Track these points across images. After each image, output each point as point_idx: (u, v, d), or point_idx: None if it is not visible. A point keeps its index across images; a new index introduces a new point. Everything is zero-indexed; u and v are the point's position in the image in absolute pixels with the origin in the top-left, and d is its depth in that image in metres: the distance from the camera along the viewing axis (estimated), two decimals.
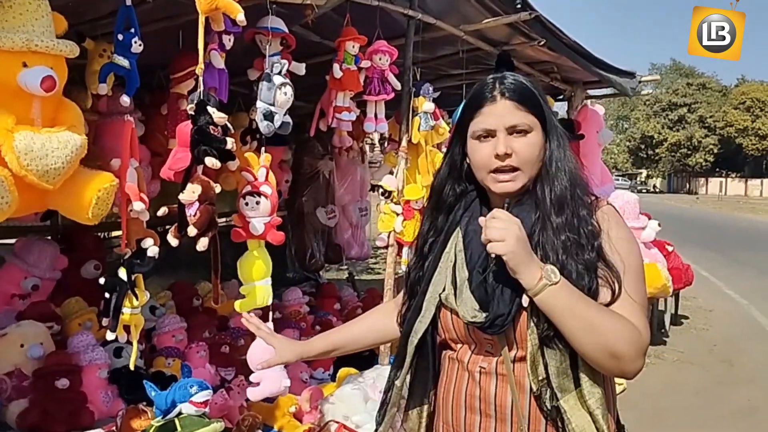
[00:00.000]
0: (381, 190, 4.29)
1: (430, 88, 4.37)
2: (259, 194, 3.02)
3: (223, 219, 5.80)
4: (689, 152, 56.66)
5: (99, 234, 6.45)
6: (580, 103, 7.00)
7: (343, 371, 4.28)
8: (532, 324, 1.43)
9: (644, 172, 65.29)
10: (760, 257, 13.14)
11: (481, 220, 1.45)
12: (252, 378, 3.27)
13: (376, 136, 4.72)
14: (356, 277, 8.30)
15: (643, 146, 60.53)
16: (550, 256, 1.43)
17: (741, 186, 56.38)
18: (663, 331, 6.99)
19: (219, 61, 3.16)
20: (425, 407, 1.62)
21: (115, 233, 7.51)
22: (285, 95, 3.10)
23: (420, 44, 4.61)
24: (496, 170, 1.49)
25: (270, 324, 3.24)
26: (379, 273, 11.00)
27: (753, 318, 7.87)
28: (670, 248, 7.05)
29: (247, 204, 3.00)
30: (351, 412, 3.63)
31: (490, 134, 1.50)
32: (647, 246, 6.66)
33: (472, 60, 5.72)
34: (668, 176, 64.56)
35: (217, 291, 3.19)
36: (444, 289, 1.55)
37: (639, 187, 57.44)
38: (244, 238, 3.14)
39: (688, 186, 60.13)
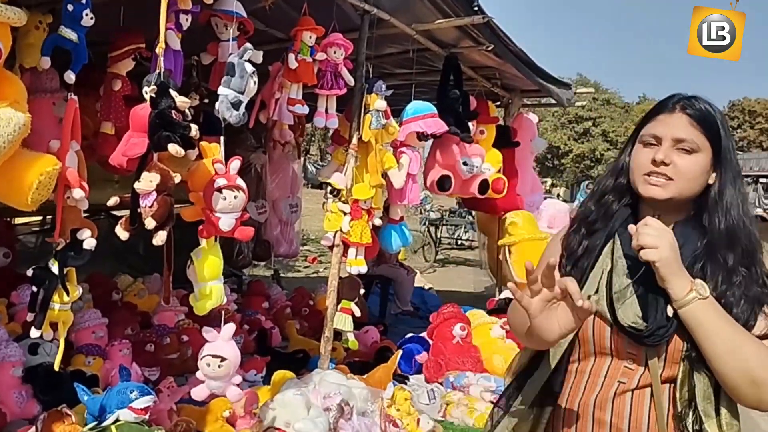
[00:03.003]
0: (329, 188, 4.13)
1: (383, 86, 4.26)
2: (237, 189, 2.80)
3: None
4: (592, 164, 58.89)
5: (8, 219, 5.97)
6: (516, 111, 7.07)
7: (278, 374, 4.08)
8: (685, 342, 1.44)
9: (549, 181, 67.52)
10: None
11: (631, 227, 1.46)
12: (198, 375, 3.03)
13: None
14: (284, 276, 8.09)
15: (549, 156, 62.53)
16: (711, 285, 1.43)
17: None
18: None
19: (175, 42, 2.93)
20: (543, 417, 1.61)
21: (21, 219, 6.99)
22: (255, 84, 2.91)
23: (371, 40, 4.50)
24: (649, 173, 1.51)
25: (231, 326, 3.05)
26: (299, 271, 10.80)
27: None
28: None
29: (224, 198, 2.76)
30: (293, 418, 3.45)
31: (656, 141, 1.53)
32: None
33: (419, 61, 5.65)
34: (571, 186, 67.07)
35: (168, 289, 2.94)
36: (596, 292, 1.54)
37: (545, 196, 59.31)
38: (213, 234, 2.91)
39: None
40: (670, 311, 1.43)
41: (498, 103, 7.03)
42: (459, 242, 14.87)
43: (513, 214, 6.59)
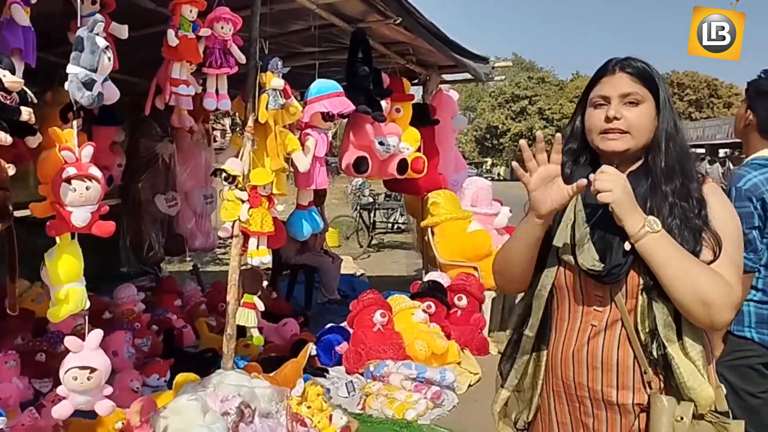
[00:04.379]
0: (224, 174, 3.84)
1: (279, 63, 3.97)
2: (90, 178, 2.47)
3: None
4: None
5: None
6: (435, 88, 6.89)
7: (180, 377, 3.80)
8: (641, 276, 1.60)
9: (489, 161, 68.19)
10: None
11: (591, 175, 1.60)
12: (59, 391, 2.70)
13: (227, 122, 4.27)
14: (202, 269, 7.73)
15: (488, 136, 63.15)
16: (660, 219, 1.58)
17: None
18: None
19: (23, 17, 2.57)
20: (542, 360, 1.77)
21: None
22: (109, 60, 2.59)
23: (268, 17, 4.21)
24: (606, 131, 1.67)
25: (98, 332, 2.73)
26: (227, 264, 10.43)
27: None
28: None
29: (74, 190, 2.44)
30: (187, 425, 3.19)
31: (605, 101, 1.68)
32: (500, 232, 6.67)
33: (326, 37, 5.38)
34: (511, 165, 67.93)
35: (13, 296, 2.61)
36: (562, 246, 1.71)
37: (485, 175, 59.73)
38: (65, 231, 2.58)
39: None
40: (627, 246, 1.58)
41: (415, 81, 6.81)
42: (396, 226, 14.69)
43: (434, 194, 6.42)
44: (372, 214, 13.45)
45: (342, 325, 5.32)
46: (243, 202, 3.84)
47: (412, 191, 6.72)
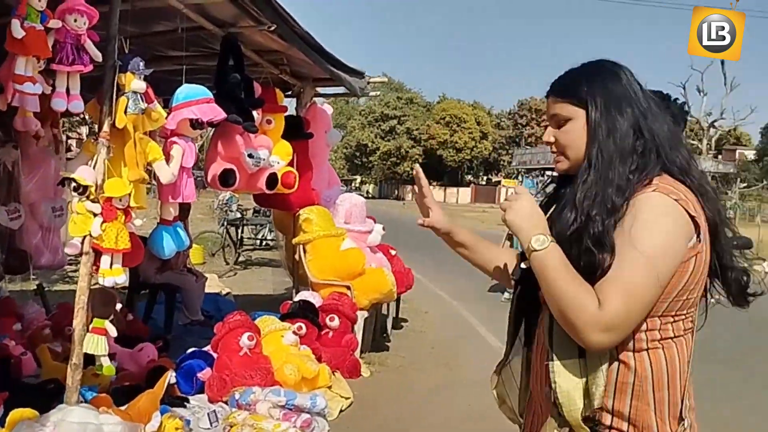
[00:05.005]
0: (73, 184, 3.42)
1: (141, 64, 3.63)
2: None
3: None
4: (398, 161, 60.93)
5: None
6: (309, 101, 6.70)
7: (14, 414, 3.32)
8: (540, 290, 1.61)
9: (358, 178, 68.80)
10: (462, 260, 14.19)
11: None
12: None
13: (84, 130, 3.84)
14: (49, 289, 7.04)
15: (358, 154, 63.77)
16: (577, 209, 1.57)
17: (441, 193, 62.00)
18: (385, 335, 6.95)
19: None
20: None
21: None
22: None
23: (130, 14, 3.86)
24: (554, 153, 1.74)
25: None
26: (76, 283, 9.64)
27: (463, 318, 8.26)
28: (393, 252, 7.05)
29: None
30: None
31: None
32: (373, 250, 6.55)
33: (194, 41, 5.08)
34: (380, 183, 68.81)
35: None
36: None
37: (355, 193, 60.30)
38: None
39: (396, 192, 64.59)
40: (524, 264, 1.64)
41: (289, 93, 6.59)
42: (264, 243, 14.26)
43: (307, 210, 6.21)
44: (240, 230, 12.98)
45: (205, 349, 4.96)
46: (95, 215, 3.44)
47: (283, 207, 6.47)
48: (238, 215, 13.90)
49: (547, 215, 1.69)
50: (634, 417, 1.52)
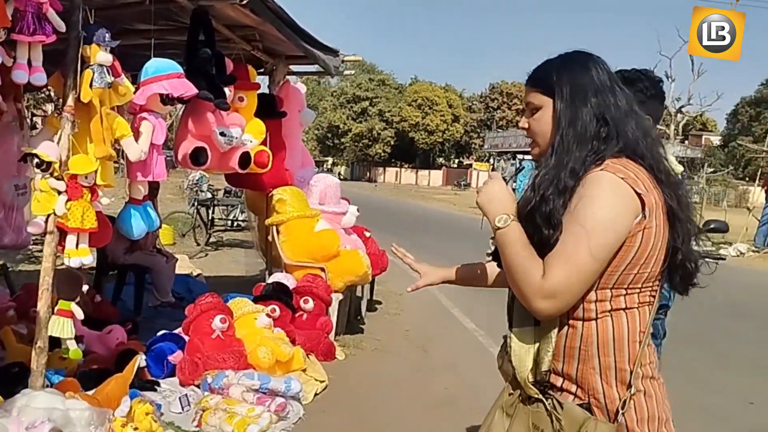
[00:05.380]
0: (36, 160, 3.27)
1: (107, 35, 3.47)
2: None
3: None
4: (370, 143, 60.74)
5: None
6: (282, 79, 6.54)
7: None
8: None
9: (330, 160, 68.44)
10: (434, 241, 14.15)
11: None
12: None
13: (50, 107, 3.67)
14: (13, 269, 6.83)
15: (329, 135, 63.41)
16: (534, 190, 1.69)
17: (413, 176, 62.09)
18: (359, 318, 6.88)
19: None
20: None
21: None
22: None
23: None
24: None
25: None
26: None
27: (438, 301, 8.21)
28: (368, 234, 6.96)
29: None
30: None
31: None
32: (348, 232, 6.46)
33: (163, 14, 4.90)
34: (352, 164, 68.54)
35: None
36: None
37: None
38: None
39: (368, 174, 64.40)
40: (493, 243, 1.78)
41: (261, 70, 6.43)
42: (235, 223, 14.06)
43: (281, 190, 6.08)
44: (210, 211, 12.76)
45: (176, 331, 4.84)
46: (60, 193, 3.30)
47: (255, 187, 6.33)
48: (209, 195, 13.67)
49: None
50: (581, 380, 1.64)
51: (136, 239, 5.17)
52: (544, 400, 1.67)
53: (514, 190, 1.83)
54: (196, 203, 12.79)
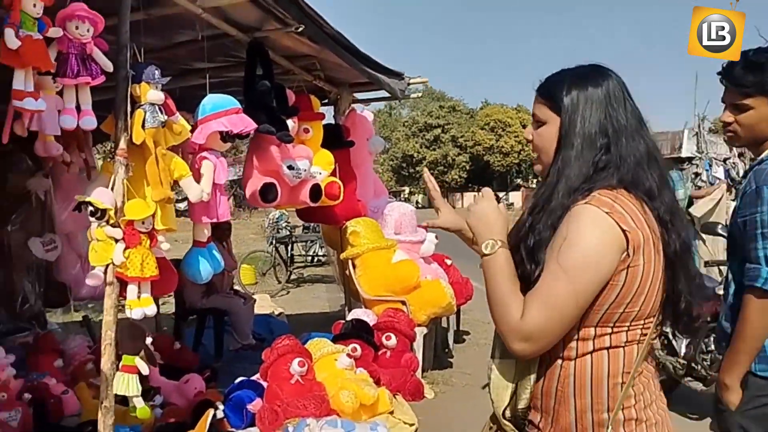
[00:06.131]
0: (90, 208, 3.11)
1: (157, 72, 3.30)
2: None
3: None
4: (445, 169, 60.44)
5: None
6: (347, 107, 6.33)
7: None
8: None
9: (407, 189, 68.48)
10: None
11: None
12: None
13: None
14: (94, 320, 6.82)
15: (404, 165, 63.50)
16: (525, 219, 1.65)
17: None
18: (447, 351, 6.50)
19: None
20: None
21: None
22: None
23: (144, 26, 3.57)
24: None
25: None
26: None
27: None
28: (449, 262, 6.60)
29: None
30: None
31: None
32: (427, 261, 6.12)
33: (218, 50, 4.77)
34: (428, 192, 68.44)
35: None
36: None
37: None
38: None
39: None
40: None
41: (326, 101, 6.23)
42: (316, 259, 13.97)
43: (354, 222, 5.82)
44: (290, 248, 12.71)
45: (254, 378, 4.61)
46: (116, 241, 3.12)
47: (328, 220, 6.10)
48: (287, 232, 13.65)
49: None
50: (556, 420, 1.58)
51: (209, 282, 5.01)
52: None
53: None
54: (274, 241, 12.77)
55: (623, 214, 1.50)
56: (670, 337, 4.74)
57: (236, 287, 7.55)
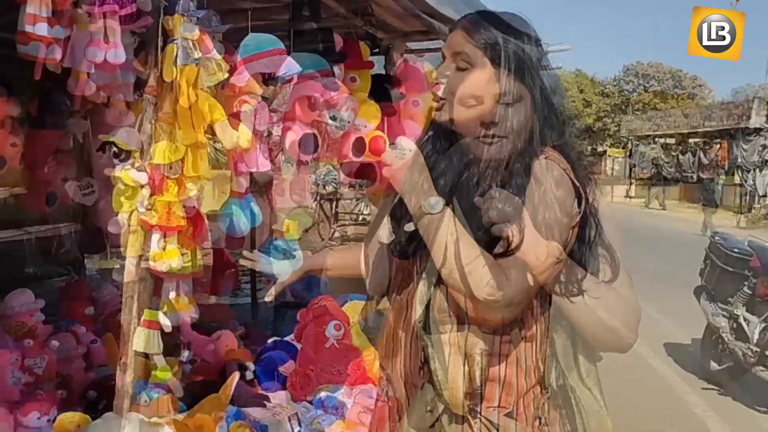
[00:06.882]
0: (114, 149, 2.87)
1: (192, 4, 3.01)
2: None
3: None
4: None
5: None
6: (399, 57, 5.94)
7: (63, 418, 2.95)
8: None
9: None
10: None
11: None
12: None
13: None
14: None
15: None
16: (480, 180, 1.51)
17: None
18: None
19: None
20: None
21: None
22: None
23: None
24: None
25: None
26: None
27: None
28: None
29: None
30: None
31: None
32: None
33: None
34: None
35: None
36: None
37: None
38: None
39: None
40: (410, 227, 1.54)
41: (376, 50, 5.86)
42: (361, 217, 13.77)
43: None
44: (334, 205, 12.52)
45: (288, 338, 4.39)
46: (141, 186, 2.88)
47: (371, 177, 5.79)
48: (332, 189, 13.44)
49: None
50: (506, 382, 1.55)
51: (239, 236, 4.79)
52: (471, 419, 1.54)
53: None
54: (318, 197, 12.59)
55: (571, 170, 1.52)
56: (741, 320, 4.34)
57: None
